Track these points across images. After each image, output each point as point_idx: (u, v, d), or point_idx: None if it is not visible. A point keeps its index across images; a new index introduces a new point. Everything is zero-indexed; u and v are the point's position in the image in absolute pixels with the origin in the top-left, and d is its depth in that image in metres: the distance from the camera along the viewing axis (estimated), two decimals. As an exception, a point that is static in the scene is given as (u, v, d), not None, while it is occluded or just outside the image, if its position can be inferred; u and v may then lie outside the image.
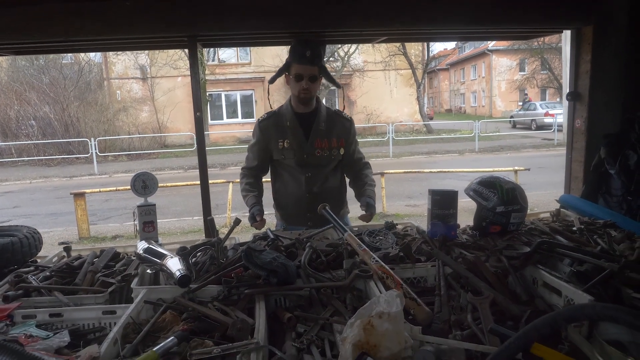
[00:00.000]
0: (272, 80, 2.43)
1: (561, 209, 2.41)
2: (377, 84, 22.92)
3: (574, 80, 2.85)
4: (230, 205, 7.78)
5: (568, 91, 2.94)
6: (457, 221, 1.91)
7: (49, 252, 2.12)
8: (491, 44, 34.44)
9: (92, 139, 16.15)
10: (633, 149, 2.36)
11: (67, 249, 2.05)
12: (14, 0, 2.18)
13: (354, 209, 2.57)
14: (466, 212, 2.02)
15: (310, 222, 2.31)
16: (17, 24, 2.20)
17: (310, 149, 2.37)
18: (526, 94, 30.39)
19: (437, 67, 50.14)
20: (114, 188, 8.03)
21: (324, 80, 2.47)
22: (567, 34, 2.93)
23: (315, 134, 2.37)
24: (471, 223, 2.00)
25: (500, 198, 1.84)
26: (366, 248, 1.60)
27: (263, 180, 2.58)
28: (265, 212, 2.40)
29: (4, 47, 2.43)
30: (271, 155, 2.46)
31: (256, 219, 2.35)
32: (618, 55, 2.68)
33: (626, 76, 2.68)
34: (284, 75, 2.40)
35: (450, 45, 39.73)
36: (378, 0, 2.44)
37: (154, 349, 1.13)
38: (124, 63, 22.03)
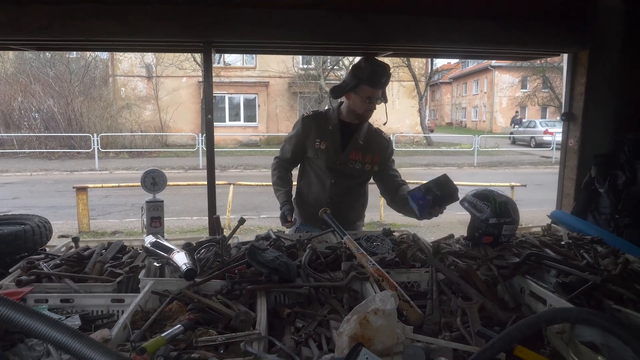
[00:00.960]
0: (337, 96, 2.44)
1: (552, 224, 2.48)
2: (379, 94, 22.98)
3: (569, 101, 2.95)
4: (230, 207, 7.85)
5: (563, 111, 3.04)
6: (432, 200, 2.08)
7: (50, 244, 2.17)
8: (494, 60, 34.70)
9: (95, 135, 16.23)
10: (622, 170, 2.45)
11: (76, 240, 2.11)
12: (39, -1, 2.27)
13: (365, 217, 2.63)
14: (461, 225, 2.10)
15: (325, 225, 2.31)
16: (40, 21, 2.29)
17: (344, 158, 2.44)
18: (517, 112, 30.46)
19: (440, 81, 50.35)
20: (116, 184, 8.11)
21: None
22: (566, 55, 3.04)
23: (353, 146, 2.44)
24: (465, 233, 2.08)
25: (493, 210, 1.91)
26: (364, 252, 1.68)
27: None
28: (262, 216, 2.47)
29: (27, 42, 2.52)
30: (305, 152, 2.52)
31: (287, 219, 2.41)
32: (611, 79, 2.78)
33: (618, 99, 2.78)
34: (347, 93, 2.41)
35: (454, 59, 40.02)
36: (387, 18, 2.52)
37: (162, 335, 1.20)
38: (130, 61, 22.15)
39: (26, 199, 10.28)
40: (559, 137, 18.54)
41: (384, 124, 2.63)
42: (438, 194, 2.09)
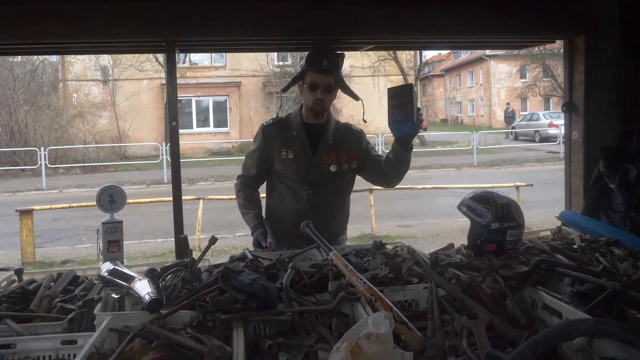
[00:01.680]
0: (285, 89, 2.53)
1: (562, 227, 2.50)
2: (365, 90, 22.84)
3: (569, 91, 3.02)
4: (199, 225, 7.77)
5: (563, 102, 3.10)
6: (414, 110, 2.16)
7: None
8: (489, 50, 35.27)
9: (42, 149, 15.95)
10: (632, 162, 2.49)
11: (19, 272, 2.04)
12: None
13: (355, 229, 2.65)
14: (463, 233, 2.11)
15: (305, 244, 2.28)
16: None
17: (316, 163, 2.44)
18: (508, 105, 30.82)
19: (431, 74, 50.93)
20: (67, 205, 7.95)
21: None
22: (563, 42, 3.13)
23: (324, 148, 2.45)
24: (465, 242, 2.08)
25: (495, 214, 1.92)
26: (353, 269, 1.66)
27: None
28: (237, 235, 2.46)
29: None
30: (271, 165, 2.51)
31: (261, 244, 2.40)
32: (611, 65, 2.84)
33: (621, 86, 2.84)
34: (298, 84, 2.48)
35: (446, 50, 40.64)
36: (366, 9, 2.56)
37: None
38: (83, 63, 21.85)
39: (-39, 228, 9.99)
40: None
41: (364, 121, 2.66)
42: (407, 100, 2.17)
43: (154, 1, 2.41)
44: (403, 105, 2.18)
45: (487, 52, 34.77)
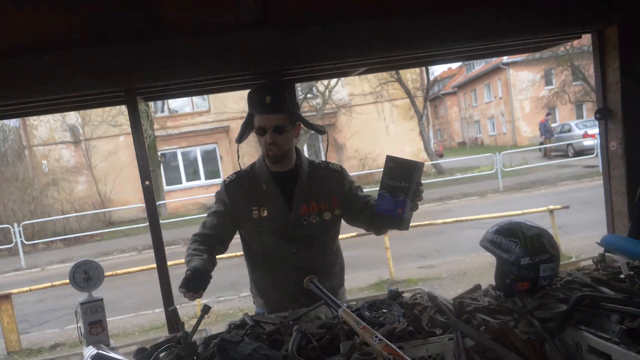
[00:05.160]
0: (238, 139, 2.46)
1: (606, 253, 2.45)
2: (369, 120, 23.28)
3: (602, 94, 2.88)
4: (198, 290, 7.72)
5: (596, 108, 2.98)
6: (407, 198, 2.08)
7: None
8: (506, 57, 34.96)
9: (15, 225, 16.05)
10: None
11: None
12: None
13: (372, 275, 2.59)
14: (494, 268, 2.08)
15: (307, 305, 2.21)
16: None
17: (295, 217, 2.37)
18: (548, 114, 29.35)
19: (442, 92, 51.38)
20: (49, 284, 7.93)
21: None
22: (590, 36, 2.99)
23: (300, 199, 2.39)
24: (492, 282, 2.06)
25: (524, 248, 1.91)
26: (366, 325, 1.65)
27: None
28: (242, 295, 2.40)
29: None
30: (241, 230, 2.46)
31: (187, 286, 2.02)
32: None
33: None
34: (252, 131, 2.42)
35: (455, 63, 40.61)
36: (350, 26, 2.49)
37: None
38: (48, 125, 22.03)
39: None
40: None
41: (326, 160, 2.58)
42: (404, 185, 2.09)
43: (104, 45, 2.32)
44: (397, 190, 2.11)
45: (505, 59, 34.13)
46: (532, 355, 1.54)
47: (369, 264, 8.37)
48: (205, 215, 2.53)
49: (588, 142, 21.56)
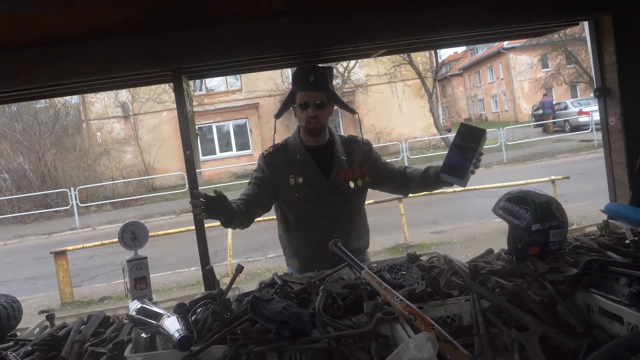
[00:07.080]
0: (278, 115, 2.49)
1: (609, 220, 2.38)
2: (383, 98, 23.19)
3: (600, 74, 2.88)
4: (230, 251, 7.77)
5: (595, 87, 2.97)
6: (474, 157, 2.10)
7: (28, 323, 2.11)
8: (506, 42, 34.92)
9: (72, 189, 16.36)
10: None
11: (50, 317, 2.04)
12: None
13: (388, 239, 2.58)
14: (501, 235, 2.02)
15: (332, 266, 2.13)
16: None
17: (332, 183, 2.37)
18: (545, 95, 28.97)
19: (449, 73, 50.76)
20: (99, 242, 8.07)
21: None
22: (586, 23, 2.99)
23: (339, 166, 2.38)
24: (504, 246, 1.98)
25: (534, 214, 1.84)
26: (387, 286, 1.59)
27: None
28: (269, 256, 2.37)
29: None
30: (279, 196, 2.43)
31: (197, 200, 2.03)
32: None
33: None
34: (291, 107, 2.44)
35: (461, 47, 40.35)
36: (372, 12, 2.51)
37: None
38: (103, 102, 22.58)
39: (0, 273, 10.27)
40: (596, 116, 18.41)
41: (364, 139, 2.60)
42: (473, 146, 2.11)
43: (155, 32, 2.41)
44: (466, 149, 2.12)
45: (505, 44, 34.50)
46: (545, 316, 1.46)
47: (385, 229, 8.30)
48: (237, 182, 2.53)
49: (583, 119, 21.51)
